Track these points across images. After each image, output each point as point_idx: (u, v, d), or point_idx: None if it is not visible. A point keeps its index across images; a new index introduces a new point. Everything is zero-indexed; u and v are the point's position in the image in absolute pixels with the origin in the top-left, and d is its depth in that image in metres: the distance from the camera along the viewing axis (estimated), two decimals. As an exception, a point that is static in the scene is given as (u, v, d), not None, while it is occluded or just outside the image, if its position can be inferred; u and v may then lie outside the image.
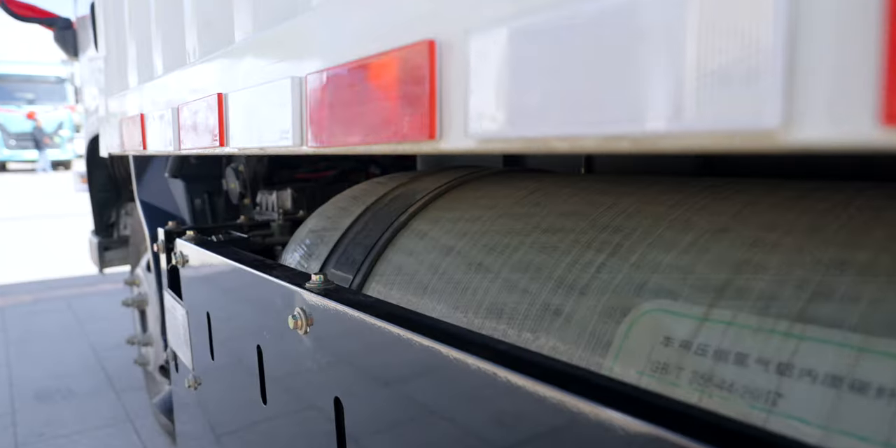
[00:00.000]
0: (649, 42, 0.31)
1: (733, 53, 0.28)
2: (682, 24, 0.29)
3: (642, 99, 0.32)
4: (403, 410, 0.68)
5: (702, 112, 0.29)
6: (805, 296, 0.55)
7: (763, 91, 0.26)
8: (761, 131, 0.27)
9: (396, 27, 0.52)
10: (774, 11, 0.25)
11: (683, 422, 0.41)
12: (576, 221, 0.82)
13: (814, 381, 0.50)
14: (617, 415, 0.43)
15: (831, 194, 0.67)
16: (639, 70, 0.32)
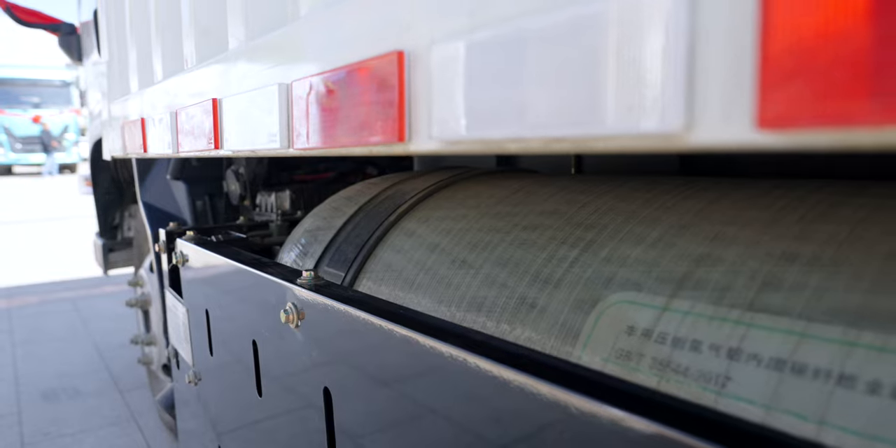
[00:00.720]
0: (581, 60, 0.35)
1: (645, 73, 0.32)
2: (605, 48, 0.33)
3: (576, 107, 0.36)
4: (389, 400, 0.71)
5: (622, 119, 0.33)
6: (756, 286, 0.59)
7: (668, 103, 0.30)
8: (667, 134, 0.31)
9: (371, 38, 0.56)
10: (675, 43, 0.29)
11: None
12: (553, 219, 0.86)
13: (759, 364, 0.54)
14: (578, 398, 0.47)
15: (790, 192, 0.71)
16: (573, 82, 0.36)
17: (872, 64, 0.23)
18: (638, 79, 0.32)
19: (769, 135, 0.26)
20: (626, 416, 0.45)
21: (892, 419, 0.46)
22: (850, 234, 0.59)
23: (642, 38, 0.31)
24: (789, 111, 0.25)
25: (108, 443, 2.69)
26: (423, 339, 0.62)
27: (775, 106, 0.26)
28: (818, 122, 0.24)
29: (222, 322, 1.22)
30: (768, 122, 0.26)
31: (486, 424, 0.57)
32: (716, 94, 0.29)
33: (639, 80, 0.32)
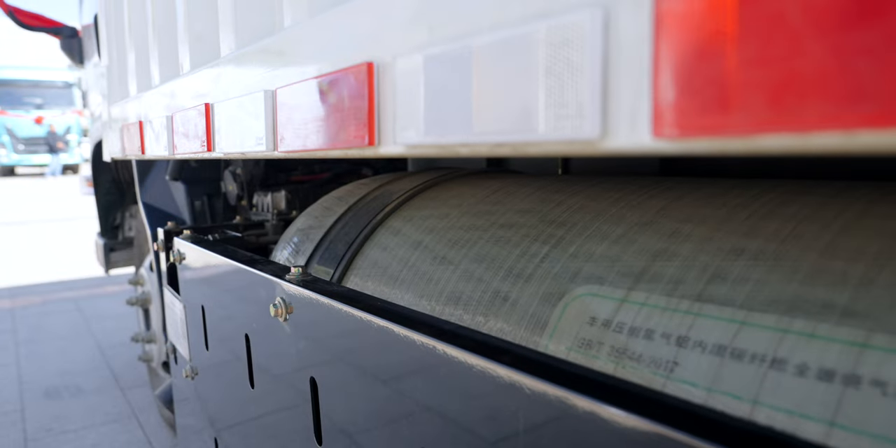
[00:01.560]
0: (516, 75, 0.40)
1: (570, 89, 0.36)
2: (536, 66, 0.38)
3: (514, 117, 0.40)
4: (370, 387, 0.76)
5: (550, 128, 0.38)
6: (705, 279, 0.63)
7: (587, 115, 0.35)
8: (587, 141, 0.35)
9: (345, 50, 0.61)
10: (592, 65, 0.34)
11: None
12: (528, 217, 0.91)
13: (703, 350, 0.58)
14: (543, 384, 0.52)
15: (745, 191, 0.76)
16: (511, 95, 0.40)
17: (738, 85, 0.27)
18: (563, 94, 0.37)
19: (663, 142, 0.31)
20: (576, 397, 0.49)
21: (816, 398, 0.50)
22: (792, 231, 0.63)
23: (567, 58, 0.36)
24: (677, 123, 0.30)
25: (110, 439, 2.73)
26: (399, 329, 0.66)
27: (666, 119, 0.30)
28: (699, 132, 0.29)
29: (217, 317, 1.27)
30: (662, 132, 0.31)
31: (457, 408, 0.62)
32: (624, 109, 0.33)
33: (564, 95, 0.37)
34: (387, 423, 0.73)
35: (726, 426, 0.41)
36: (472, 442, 0.59)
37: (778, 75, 0.26)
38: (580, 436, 0.48)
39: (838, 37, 0.23)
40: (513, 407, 0.54)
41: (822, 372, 0.51)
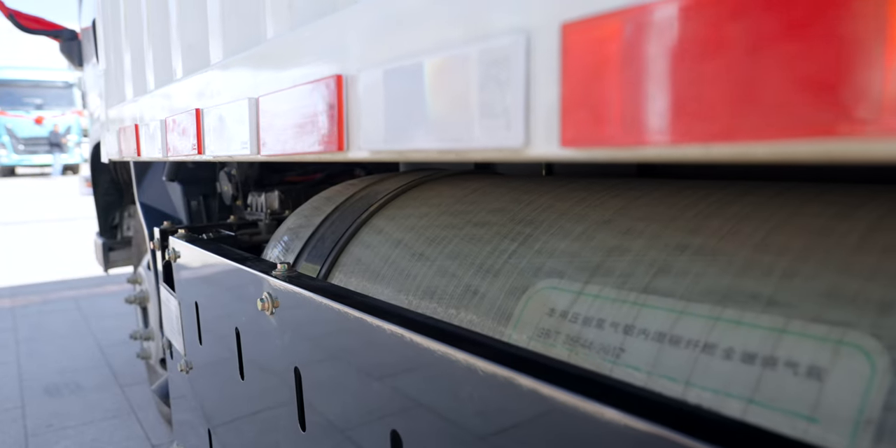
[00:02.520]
0: (457, 91, 0.45)
1: (499, 103, 0.41)
2: (472, 82, 0.43)
3: (457, 127, 0.46)
4: (350, 376, 0.81)
5: (484, 137, 0.43)
6: (651, 272, 0.69)
7: (513, 126, 0.40)
8: (514, 149, 0.41)
9: (319, 62, 0.66)
10: (517, 83, 0.40)
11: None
12: (500, 216, 0.96)
13: (646, 337, 0.64)
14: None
15: (696, 191, 0.81)
16: (453, 108, 0.46)
17: (622, 104, 0.32)
18: (494, 107, 0.42)
19: (569, 150, 0.36)
20: (523, 378, 0.54)
21: (739, 379, 0.55)
22: (731, 228, 0.68)
23: (497, 76, 0.41)
24: (578, 135, 0.35)
25: (109, 434, 2.79)
26: (373, 320, 0.72)
27: (570, 131, 0.36)
28: (595, 142, 0.34)
29: (210, 312, 1.32)
30: (567, 142, 0.36)
31: (423, 392, 0.67)
32: (541, 121, 0.39)
33: (495, 108, 0.42)
34: (362, 408, 0.79)
35: (646, 400, 0.47)
36: (434, 422, 0.64)
37: (651, 97, 0.31)
38: (526, 412, 0.54)
39: (694, 69, 0.29)
40: (469, 388, 0.59)
41: (746, 355, 0.56)
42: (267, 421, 1.09)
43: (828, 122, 0.24)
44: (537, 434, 0.53)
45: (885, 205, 0.63)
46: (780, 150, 0.26)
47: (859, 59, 0.24)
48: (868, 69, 0.24)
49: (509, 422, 0.57)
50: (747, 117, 0.27)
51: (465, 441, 0.61)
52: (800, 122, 0.25)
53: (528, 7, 0.38)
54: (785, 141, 0.26)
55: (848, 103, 0.24)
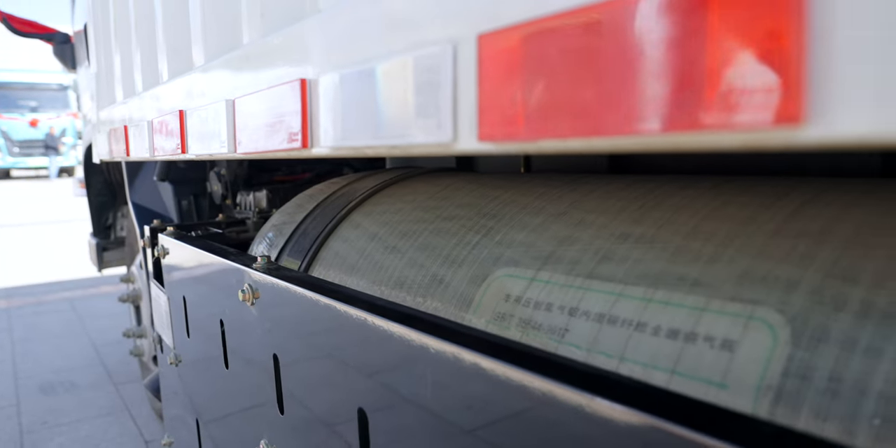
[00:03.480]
0: (397, 94, 0.51)
1: (431, 105, 0.47)
2: (411, 85, 0.49)
3: (400, 125, 0.51)
4: (324, 361, 0.87)
5: (421, 134, 0.49)
6: (596, 260, 0.75)
7: (444, 125, 0.46)
8: (444, 144, 0.46)
9: (286, 66, 0.71)
10: (447, 90, 0.45)
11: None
12: (467, 210, 1.02)
13: (588, 319, 0.69)
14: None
15: (644, 185, 0.87)
16: (395, 109, 0.51)
17: (523, 105, 0.38)
18: (428, 107, 0.47)
19: (485, 144, 0.42)
20: (466, 352, 0.60)
21: (665, 353, 0.61)
22: (668, 218, 0.74)
23: (429, 81, 0.47)
24: (491, 131, 0.41)
25: (103, 430, 2.84)
26: (342, 306, 0.77)
27: (485, 128, 0.41)
28: (503, 137, 0.39)
29: (196, 306, 1.38)
30: (483, 138, 0.42)
31: (386, 371, 0.73)
32: (465, 119, 0.44)
33: (428, 108, 0.47)
34: (333, 389, 0.84)
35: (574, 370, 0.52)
36: (396, 398, 0.70)
37: (542, 100, 0.36)
38: (477, 387, 0.59)
39: (575, 75, 0.34)
40: (424, 366, 0.65)
41: (671, 331, 0.62)
42: (250, 407, 1.14)
43: (673, 119, 0.30)
44: (488, 407, 0.59)
45: (806, 194, 0.69)
46: (638, 142, 0.31)
47: (693, 73, 0.30)
48: (698, 81, 0.29)
49: (463, 396, 0.62)
50: (614, 116, 0.32)
51: (424, 415, 0.66)
52: (653, 120, 0.31)
53: (454, 19, 0.44)
54: (641, 135, 0.31)
55: (687, 106, 0.29)
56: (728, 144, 0.28)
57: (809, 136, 0.25)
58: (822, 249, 0.59)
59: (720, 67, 0.27)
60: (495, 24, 0.40)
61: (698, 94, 0.28)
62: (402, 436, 0.70)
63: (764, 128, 0.26)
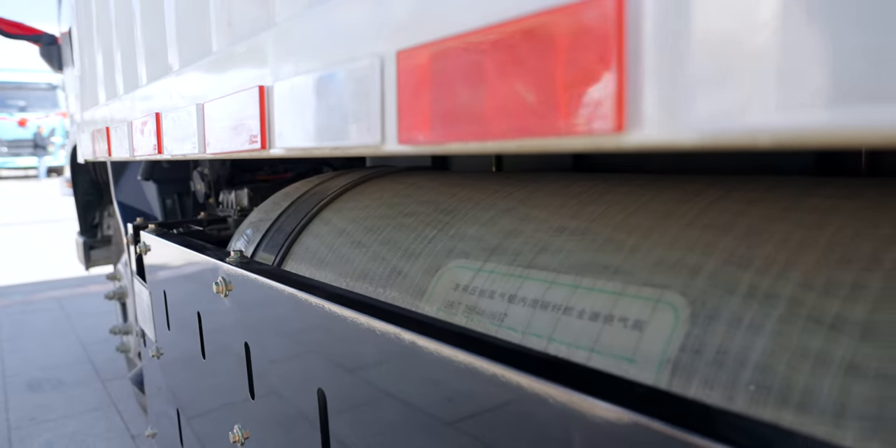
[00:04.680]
0: (336, 102, 0.57)
1: (363, 111, 0.54)
2: (348, 94, 0.55)
3: (341, 129, 0.58)
4: (288, 347, 0.93)
5: (356, 137, 0.55)
6: (535, 251, 0.81)
7: (373, 129, 0.53)
8: (374, 145, 0.53)
9: (248, 74, 0.78)
10: (378, 101, 0.52)
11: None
12: (426, 207, 1.08)
13: (524, 304, 0.76)
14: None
15: (585, 182, 0.93)
16: (335, 115, 0.58)
17: (432, 112, 0.44)
18: (360, 113, 0.54)
19: (404, 146, 0.48)
20: (406, 332, 0.66)
21: (586, 334, 0.68)
22: (602, 213, 0.81)
23: (360, 90, 0.53)
24: (407, 136, 0.47)
25: (90, 426, 2.88)
26: (303, 295, 0.84)
27: (403, 133, 0.48)
28: (417, 141, 0.46)
29: (176, 300, 1.43)
30: (402, 141, 0.48)
31: (342, 354, 0.79)
32: (389, 124, 0.51)
33: (360, 114, 0.54)
34: (296, 372, 0.90)
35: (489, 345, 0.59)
36: (351, 378, 0.76)
37: (446, 108, 0.43)
38: (421, 366, 0.66)
39: (469, 88, 0.41)
40: (371, 347, 0.71)
41: (593, 314, 0.68)
42: (224, 394, 1.20)
43: (540, 127, 0.36)
44: (427, 383, 0.65)
45: (720, 191, 0.76)
46: (518, 144, 0.38)
47: (552, 93, 0.36)
48: (556, 99, 0.36)
49: (411, 376, 0.69)
50: (499, 123, 0.38)
51: (376, 393, 0.73)
52: (526, 126, 0.37)
53: (380, 37, 0.50)
54: (519, 139, 0.37)
55: (549, 117, 0.36)
56: (579, 146, 0.35)
57: (630, 141, 0.32)
58: (724, 240, 0.66)
59: (570, 90, 0.34)
60: (411, 42, 0.46)
61: (556, 108, 0.35)
62: (356, 412, 0.76)
63: (600, 134, 0.33)
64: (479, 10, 0.40)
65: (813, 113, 0.24)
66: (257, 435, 1.08)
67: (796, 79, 0.25)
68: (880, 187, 0.66)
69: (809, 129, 0.24)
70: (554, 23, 0.34)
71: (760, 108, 0.26)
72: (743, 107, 0.26)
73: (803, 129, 0.25)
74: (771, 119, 0.25)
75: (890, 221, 0.57)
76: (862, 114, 0.23)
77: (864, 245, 0.56)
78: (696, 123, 0.28)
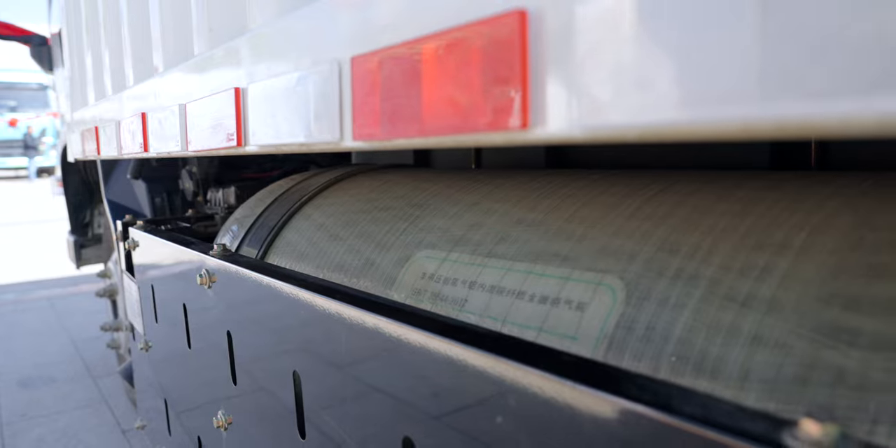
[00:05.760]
0: (296, 105, 0.63)
1: (323, 111, 0.59)
2: (310, 95, 0.61)
3: (305, 127, 0.63)
4: (266, 333, 0.98)
5: (319, 134, 0.61)
6: (496, 241, 0.87)
7: (332, 127, 0.58)
8: (334, 142, 0.59)
9: (226, 76, 0.83)
10: (334, 103, 0.58)
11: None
12: (400, 202, 1.14)
13: (483, 290, 0.82)
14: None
15: (545, 178, 0.99)
16: (303, 113, 0.64)
17: (381, 112, 0.50)
18: (320, 113, 0.60)
19: (358, 142, 0.54)
20: (369, 315, 0.72)
21: (536, 315, 0.74)
22: (557, 205, 0.87)
23: (319, 92, 0.59)
24: (361, 133, 0.53)
25: (81, 422, 2.93)
26: (280, 284, 0.89)
27: (357, 130, 0.53)
28: (368, 137, 0.52)
29: (163, 293, 1.49)
30: (357, 137, 0.54)
31: (316, 338, 0.85)
32: (347, 122, 0.57)
33: (321, 113, 0.60)
34: (270, 355, 0.96)
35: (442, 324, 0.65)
36: (321, 359, 0.82)
37: (391, 108, 0.48)
38: (385, 348, 0.72)
39: (406, 90, 0.46)
40: (341, 331, 0.77)
41: (542, 298, 0.74)
42: (209, 381, 1.25)
43: (465, 125, 0.42)
44: (389, 363, 0.71)
45: (662, 185, 0.82)
46: (450, 140, 0.43)
47: (472, 96, 0.42)
48: (477, 101, 0.41)
49: (370, 354, 0.74)
50: (432, 121, 0.44)
51: (346, 373, 0.78)
52: (453, 124, 0.43)
53: (338, 44, 0.56)
54: (449, 135, 0.43)
55: (471, 116, 0.42)
56: (498, 140, 0.41)
57: (534, 136, 0.38)
58: (660, 229, 0.72)
59: (486, 94, 0.39)
60: (364, 49, 0.52)
61: (476, 109, 0.41)
62: (328, 391, 0.82)
63: (511, 131, 0.38)
64: (419, 21, 0.46)
65: (663, 113, 0.30)
66: (240, 419, 1.13)
67: (649, 87, 0.30)
68: (801, 180, 0.72)
69: (661, 125, 0.30)
70: (472, 36, 0.39)
71: (624, 110, 0.32)
72: (612, 109, 0.32)
73: (657, 126, 0.30)
74: (633, 118, 0.31)
75: (802, 210, 0.64)
76: (696, 113, 0.29)
77: (778, 232, 0.62)
78: (581, 122, 0.34)
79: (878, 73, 0.22)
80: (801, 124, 0.24)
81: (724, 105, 0.27)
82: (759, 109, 0.26)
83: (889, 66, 0.23)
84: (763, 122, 0.26)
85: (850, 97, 0.23)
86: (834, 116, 0.23)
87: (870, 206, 0.60)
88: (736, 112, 0.27)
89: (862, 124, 0.22)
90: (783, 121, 0.25)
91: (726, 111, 0.27)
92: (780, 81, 0.25)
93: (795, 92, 0.25)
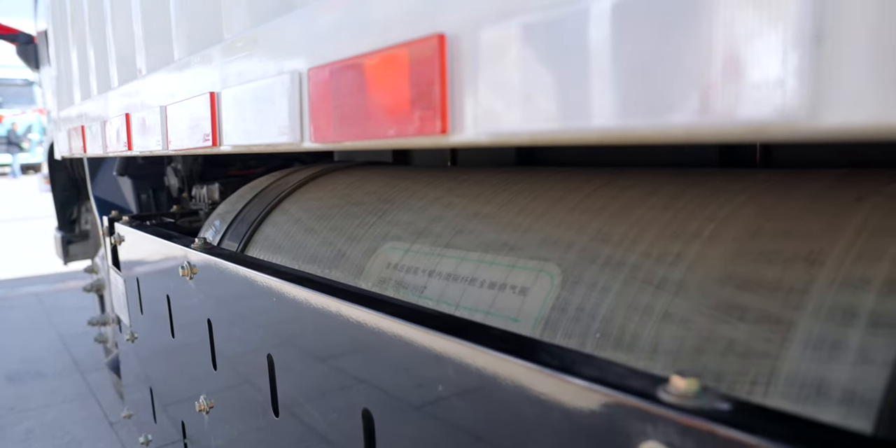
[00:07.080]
0: (272, 105, 0.70)
1: (286, 115, 0.67)
2: (278, 100, 0.68)
3: (275, 128, 0.70)
4: (242, 319, 1.05)
5: (282, 136, 0.68)
6: (453, 233, 0.94)
7: (294, 129, 0.66)
8: (295, 143, 0.66)
9: (201, 80, 0.90)
10: (298, 109, 0.65)
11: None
12: (371, 197, 1.21)
13: (440, 278, 0.89)
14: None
15: (504, 174, 1.07)
16: (273, 117, 0.71)
17: (333, 116, 0.57)
18: (283, 117, 0.66)
19: (316, 144, 0.61)
20: (334, 301, 0.79)
21: (485, 300, 0.81)
22: (510, 199, 0.94)
23: (285, 102, 0.66)
24: (317, 135, 0.60)
25: (69, 415, 2.98)
26: (258, 275, 0.96)
27: (314, 132, 0.60)
28: (324, 139, 0.59)
29: (147, 285, 1.55)
30: (314, 139, 0.61)
31: (290, 324, 0.92)
32: (306, 126, 0.64)
33: (284, 118, 0.67)
34: (245, 340, 1.03)
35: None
36: (297, 345, 0.89)
37: (340, 114, 0.55)
38: (351, 334, 0.79)
39: (351, 99, 0.53)
40: (311, 316, 0.84)
41: (491, 283, 0.82)
42: (191, 368, 1.32)
43: (398, 129, 0.49)
44: (353, 345, 0.78)
45: (604, 180, 0.90)
46: (388, 143, 0.51)
47: (402, 104, 0.49)
48: (407, 108, 0.49)
49: (337, 338, 0.81)
50: (373, 126, 0.51)
51: (314, 354, 0.86)
52: (388, 128, 0.50)
53: (298, 57, 0.63)
54: (385, 138, 0.50)
55: (403, 123, 0.49)
56: (426, 143, 0.48)
57: (452, 140, 0.45)
58: (596, 220, 0.79)
59: (414, 103, 0.47)
60: (318, 61, 0.58)
61: (406, 116, 0.48)
62: (298, 370, 0.89)
63: (434, 135, 0.46)
64: (362, 39, 0.53)
65: (543, 124, 0.37)
66: (220, 402, 1.20)
67: (533, 103, 0.38)
68: (721, 176, 0.80)
69: (542, 133, 0.37)
70: (402, 54, 0.46)
71: (515, 120, 0.39)
72: (506, 119, 0.39)
73: (540, 133, 0.38)
74: (522, 127, 0.38)
75: (716, 203, 0.72)
76: (567, 124, 0.36)
77: (693, 222, 0.70)
78: (486, 129, 0.41)
79: (665, 102, 0.29)
80: (626, 133, 0.32)
81: (587, 119, 0.35)
82: (608, 121, 0.33)
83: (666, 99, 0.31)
84: (612, 131, 0.33)
85: (648, 117, 0.30)
86: (644, 128, 0.31)
87: (772, 199, 0.68)
88: (595, 123, 0.34)
89: (662, 133, 0.30)
90: (625, 130, 0.33)
91: (588, 123, 0.35)
92: (622, 103, 0.33)
93: (633, 111, 0.32)
